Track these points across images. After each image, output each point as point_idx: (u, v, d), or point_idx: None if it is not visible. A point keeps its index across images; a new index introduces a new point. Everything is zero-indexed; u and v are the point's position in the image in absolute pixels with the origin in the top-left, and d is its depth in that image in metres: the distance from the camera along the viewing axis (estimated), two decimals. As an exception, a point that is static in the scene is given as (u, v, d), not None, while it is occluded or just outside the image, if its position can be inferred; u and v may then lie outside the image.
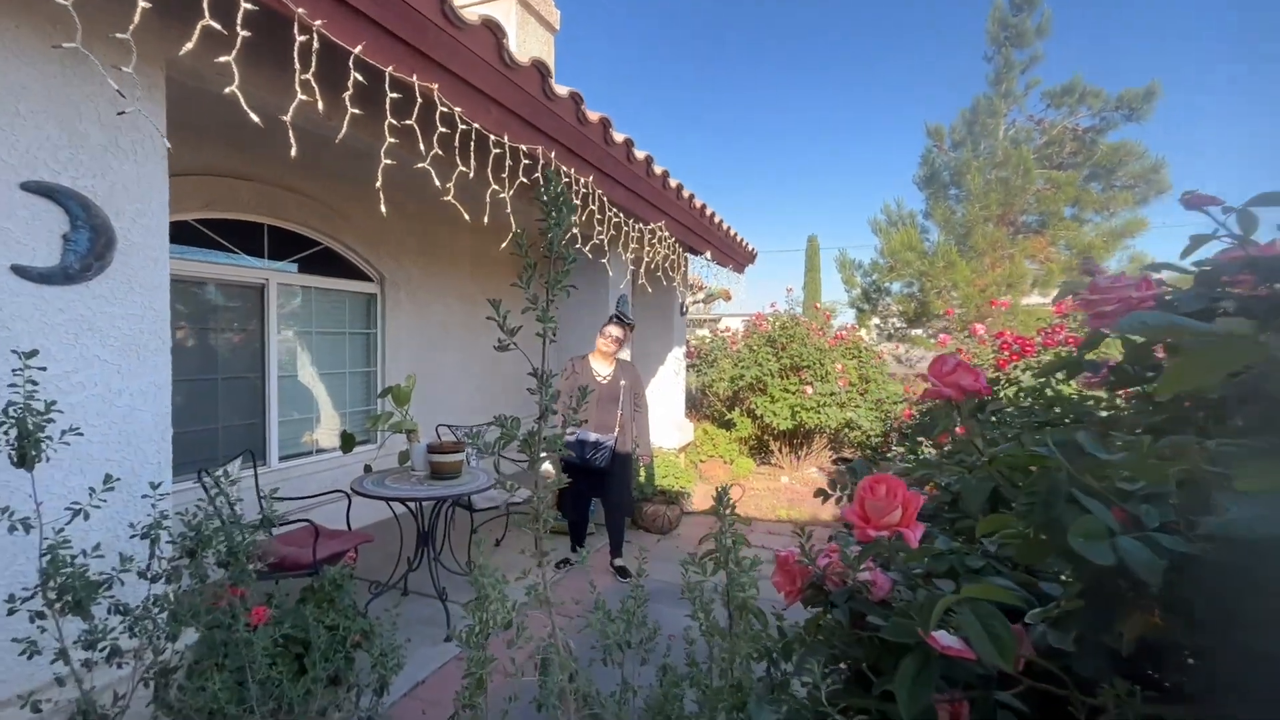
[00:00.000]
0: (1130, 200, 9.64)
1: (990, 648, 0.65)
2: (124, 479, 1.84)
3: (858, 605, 0.92)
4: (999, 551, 1.07)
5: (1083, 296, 1.08)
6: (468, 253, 6.12)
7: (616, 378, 4.10)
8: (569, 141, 3.11)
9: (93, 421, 1.78)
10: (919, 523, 0.75)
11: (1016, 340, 3.80)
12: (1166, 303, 1.03)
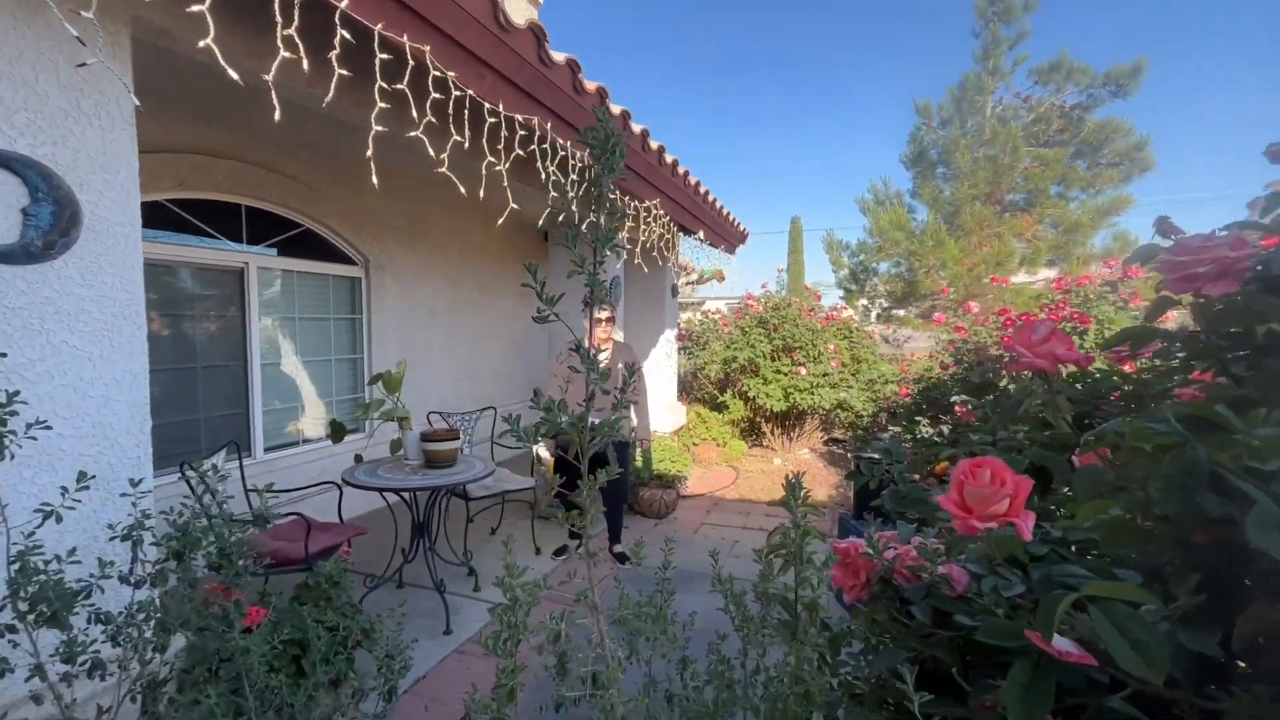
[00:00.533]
0: (1116, 178, 9.67)
1: (1133, 657, 0.56)
2: (100, 476, 1.70)
3: (939, 604, 0.83)
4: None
5: (1166, 259, 0.99)
6: (453, 235, 5.93)
7: (614, 361, 3.99)
8: (565, 112, 2.96)
9: (63, 414, 1.63)
10: (1028, 510, 0.66)
11: (1022, 317, 3.75)
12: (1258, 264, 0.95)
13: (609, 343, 3.99)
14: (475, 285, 6.30)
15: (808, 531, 1.04)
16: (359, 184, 4.71)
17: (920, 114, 10.24)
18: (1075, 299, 3.71)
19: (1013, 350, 0.86)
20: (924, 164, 10.58)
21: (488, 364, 6.57)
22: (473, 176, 2.42)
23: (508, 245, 6.89)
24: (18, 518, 1.32)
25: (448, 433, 3.43)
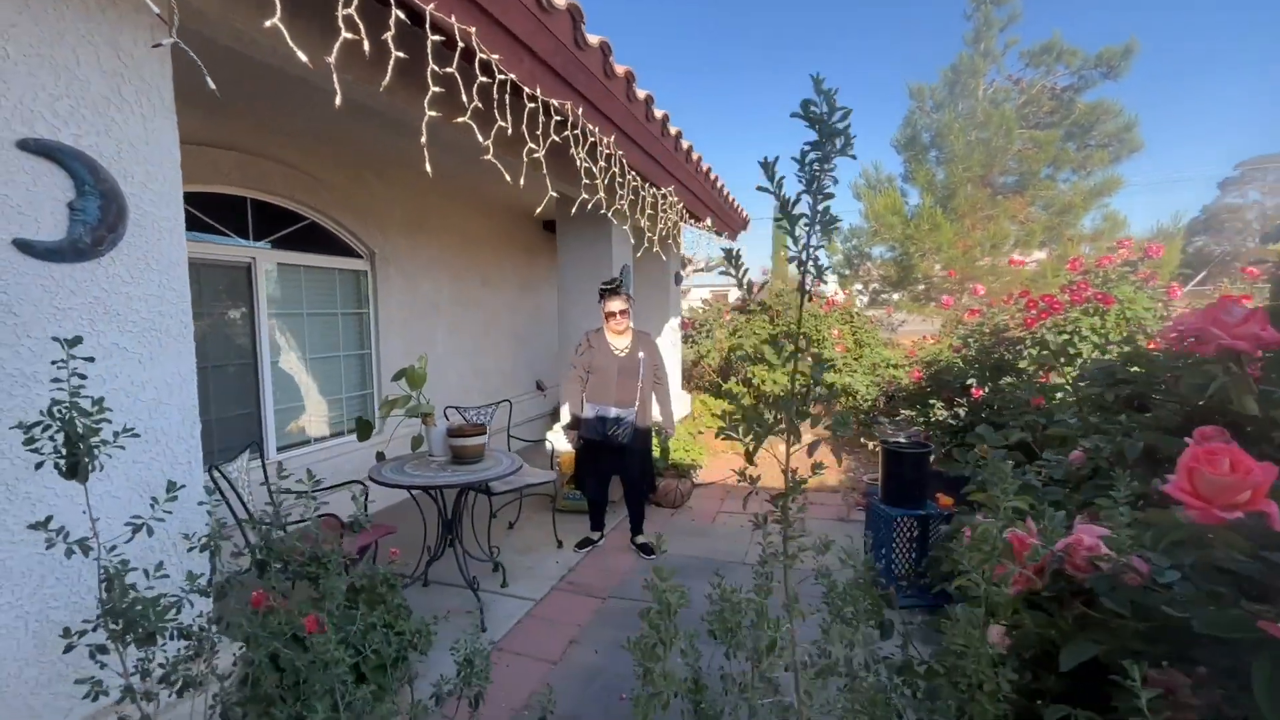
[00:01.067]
0: (1105, 159, 9.77)
1: None
2: (154, 484, 1.62)
3: (1139, 597, 0.80)
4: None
5: None
6: (454, 227, 5.81)
7: (634, 350, 3.94)
8: (595, 97, 2.88)
9: (116, 421, 1.55)
10: (1268, 499, 0.64)
11: (1044, 299, 3.77)
12: None
13: (629, 332, 3.94)
14: (477, 278, 6.19)
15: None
16: (361, 174, 4.58)
17: (914, 97, 10.25)
18: (1096, 279, 3.73)
19: (1202, 332, 0.83)
20: (916, 148, 10.61)
21: (491, 357, 6.48)
22: (492, 166, 2.34)
23: (507, 237, 6.78)
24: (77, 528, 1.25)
25: (474, 428, 3.36)
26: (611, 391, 3.90)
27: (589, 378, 3.95)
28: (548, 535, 4.34)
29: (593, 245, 4.96)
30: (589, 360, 3.93)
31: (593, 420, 3.93)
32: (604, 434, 3.91)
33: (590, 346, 3.96)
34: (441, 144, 4.00)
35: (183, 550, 1.46)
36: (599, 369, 3.92)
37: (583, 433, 3.95)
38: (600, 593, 3.61)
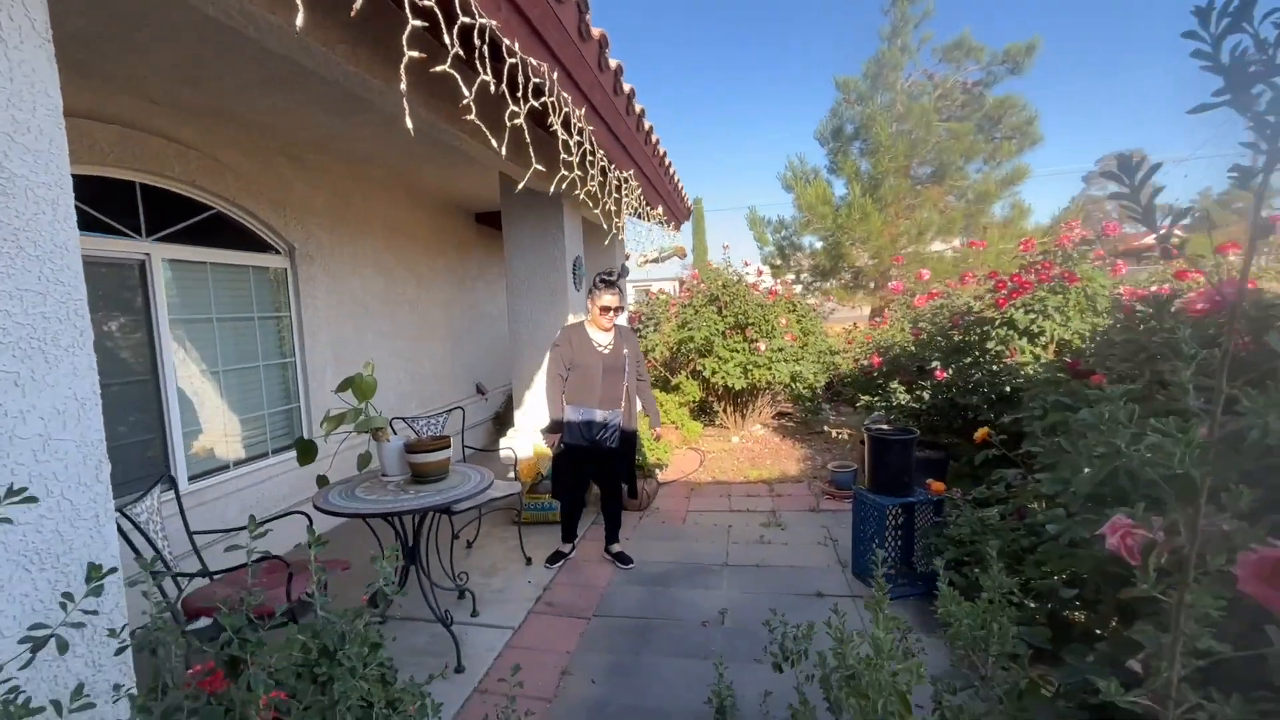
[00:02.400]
0: (1012, 150, 10.38)
1: None
2: (46, 550, 1.18)
3: None
4: None
5: None
6: (383, 220, 5.26)
7: (619, 346, 3.64)
8: (568, 61, 2.55)
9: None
10: None
11: (1014, 279, 3.79)
12: None
13: (612, 328, 3.62)
14: (409, 275, 5.65)
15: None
16: (276, 160, 4.00)
17: (840, 89, 10.45)
18: (1058, 258, 3.79)
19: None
20: (841, 139, 10.85)
21: (428, 361, 5.95)
22: (426, 151, 1.97)
23: (439, 231, 6.25)
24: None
25: (436, 441, 2.95)
26: (596, 391, 3.59)
27: (569, 377, 3.62)
28: (513, 552, 3.97)
29: (543, 237, 4.59)
30: (570, 358, 3.59)
31: (577, 424, 3.61)
32: (590, 439, 3.61)
33: (570, 343, 3.62)
34: (377, 120, 3.54)
35: (103, 646, 1.04)
36: (581, 367, 3.59)
37: (565, 438, 3.61)
38: (583, 612, 3.30)
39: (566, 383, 3.60)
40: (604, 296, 3.56)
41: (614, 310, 3.58)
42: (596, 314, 3.60)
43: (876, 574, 1.28)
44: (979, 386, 4.11)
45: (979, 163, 10.50)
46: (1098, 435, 1.39)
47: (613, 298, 3.56)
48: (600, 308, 3.57)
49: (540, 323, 4.67)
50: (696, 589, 3.53)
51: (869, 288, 10.96)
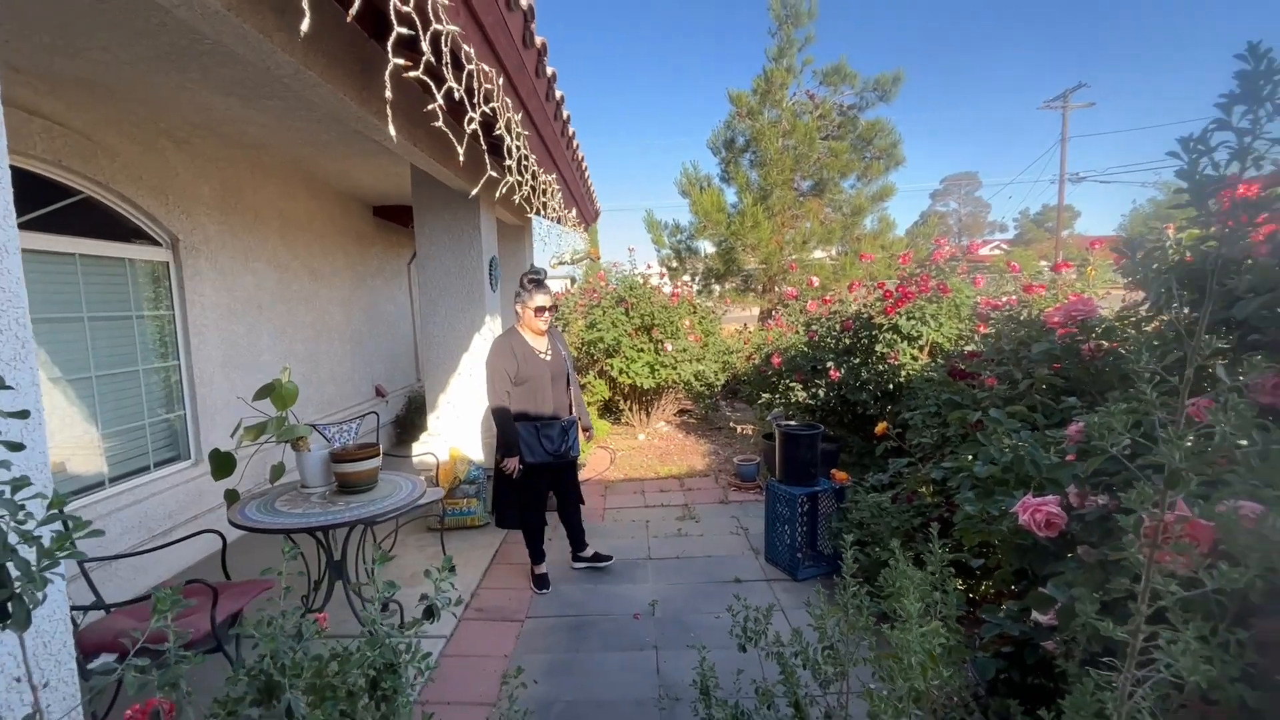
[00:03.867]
0: (880, 170, 11.49)
1: None
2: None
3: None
4: None
5: None
6: (275, 210, 4.89)
7: (556, 349, 3.57)
8: (512, 68, 2.57)
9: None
10: None
11: (900, 289, 4.28)
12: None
13: (545, 333, 3.58)
14: (306, 271, 5.29)
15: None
16: (159, 142, 3.62)
17: (734, 103, 11.01)
18: (934, 270, 4.34)
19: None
20: (733, 150, 11.44)
21: (326, 363, 5.60)
22: (319, 138, 1.97)
23: (336, 224, 5.89)
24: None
25: (364, 450, 2.84)
26: (549, 403, 3.42)
27: (515, 393, 3.38)
28: (433, 560, 3.87)
29: (459, 236, 4.50)
30: (514, 371, 3.35)
31: (534, 441, 3.38)
32: (555, 452, 3.43)
33: (513, 354, 3.37)
34: (279, 106, 3.30)
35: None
36: (528, 379, 3.38)
37: (526, 458, 3.37)
38: (516, 615, 3.32)
39: (512, 399, 3.38)
40: (537, 297, 3.40)
41: (549, 310, 3.45)
42: (530, 317, 3.41)
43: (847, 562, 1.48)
44: (867, 384, 4.59)
45: (853, 179, 11.51)
46: (1003, 432, 1.69)
47: (545, 297, 3.42)
48: (535, 309, 3.39)
49: (455, 324, 4.57)
50: (624, 583, 3.66)
51: (758, 291, 11.67)
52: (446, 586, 1.00)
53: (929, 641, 0.84)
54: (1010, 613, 1.53)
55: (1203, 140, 0.71)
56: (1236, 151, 0.68)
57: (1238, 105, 0.66)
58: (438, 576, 1.01)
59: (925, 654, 0.83)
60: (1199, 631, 0.69)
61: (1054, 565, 1.39)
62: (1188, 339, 0.75)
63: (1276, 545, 0.73)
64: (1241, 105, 0.66)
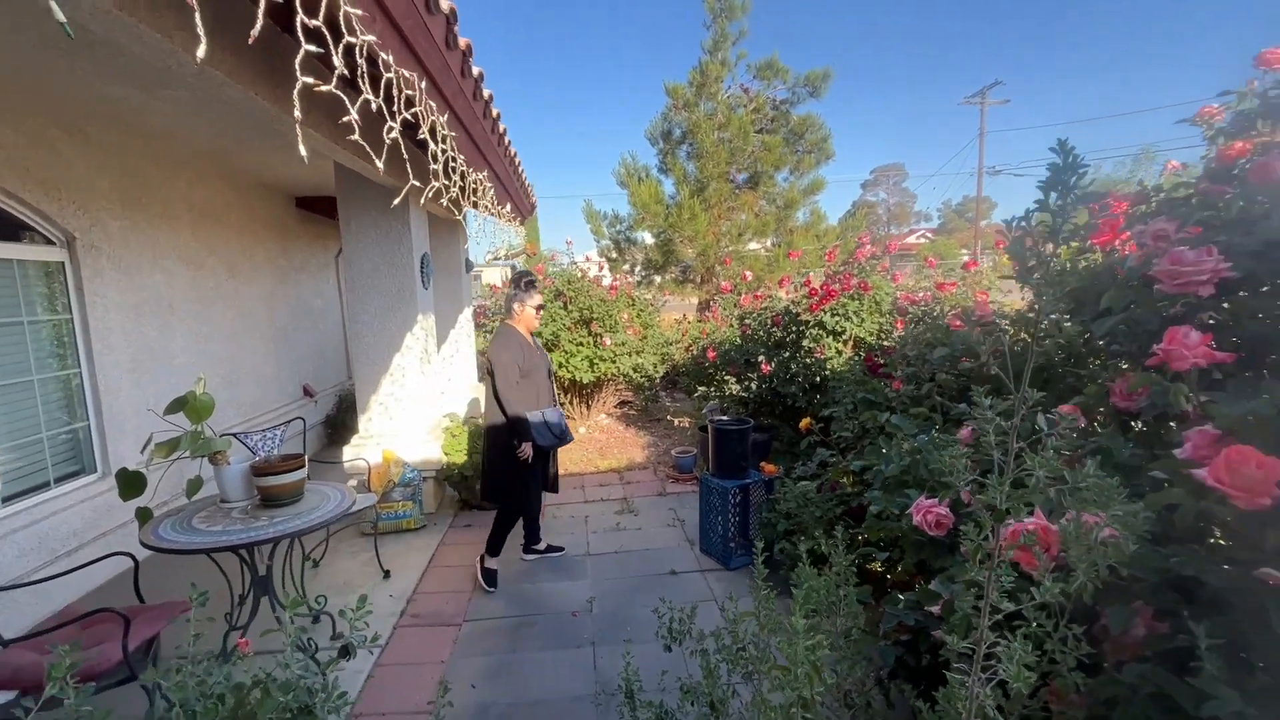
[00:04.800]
0: (812, 164, 11.83)
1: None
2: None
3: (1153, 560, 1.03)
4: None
5: (1166, 268, 1.32)
6: (186, 203, 4.62)
7: (540, 345, 3.84)
8: (435, 71, 2.53)
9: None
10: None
11: (824, 287, 4.47)
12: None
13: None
14: (221, 267, 5.02)
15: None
16: (49, 132, 3.36)
17: (670, 95, 11.05)
18: (856, 269, 4.55)
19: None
20: (670, 141, 11.51)
21: (248, 363, 5.34)
22: (235, 127, 1.92)
23: (256, 217, 5.60)
24: None
25: (289, 461, 2.76)
26: (546, 395, 3.70)
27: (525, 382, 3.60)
28: (368, 566, 3.81)
29: (387, 232, 4.38)
30: (522, 365, 3.55)
31: (542, 427, 3.58)
32: (561, 435, 3.69)
33: (521, 350, 3.58)
34: (184, 96, 3.11)
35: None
36: (532, 372, 3.61)
37: (538, 441, 3.54)
38: (453, 619, 3.31)
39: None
40: (535, 296, 3.66)
41: (542, 308, 3.73)
42: (531, 315, 3.66)
43: (757, 560, 1.57)
44: (796, 377, 4.79)
45: (786, 173, 11.80)
46: (902, 437, 1.83)
47: (540, 296, 3.70)
48: (535, 307, 3.66)
49: (386, 323, 4.46)
50: (563, 581, 3.71)
51: (696, 282, 11.84)
52: (362, 625, 1.01)
53: (814, 654, 0.93)
54: (908, 602, 1.67)
55: (1025, 219, 0.82)
56: (1050, 231, 0.79)
57: (1052, 191, 0.76)
58: (353, 616, 1.02)
59: (810, 665, 0.92)
60: (1034, 636, 0.80)
61: (945, 559, 1.52)
62: (1015, 391, 0.85)
63: (1101, 556, 0.85)
64: (1054, 191, 0.76)
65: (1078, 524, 0.94)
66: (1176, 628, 1.04)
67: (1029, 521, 1.15)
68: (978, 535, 0.84)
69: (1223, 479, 0.89)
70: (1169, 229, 1.47)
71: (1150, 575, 1.01)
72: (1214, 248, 1.23)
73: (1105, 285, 1.67)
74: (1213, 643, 0.86)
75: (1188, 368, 1.08)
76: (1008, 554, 1.12)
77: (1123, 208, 2.05)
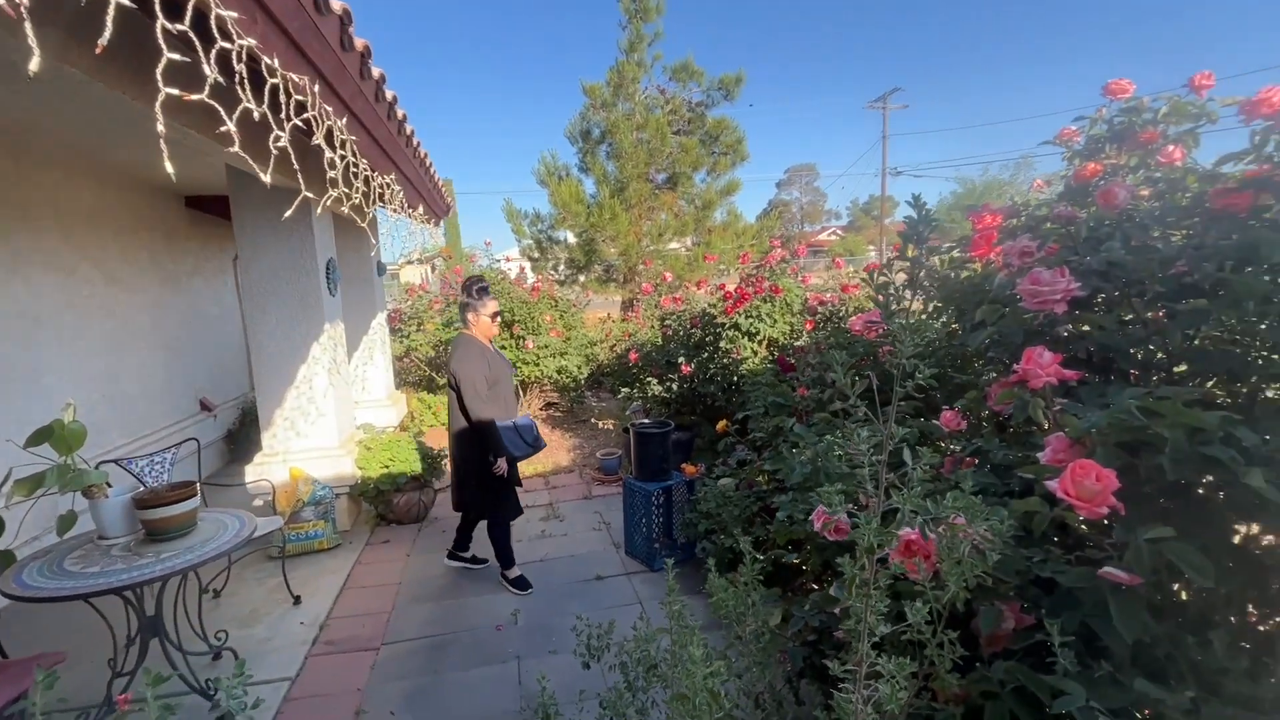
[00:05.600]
0: (727, 165, 12.10)
1: (1202, 573, 0.92)
2: None
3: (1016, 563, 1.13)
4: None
5: (1027, 288, 1.45)
6: (53, 205, 4.17)
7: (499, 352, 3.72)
8: (330, 73, 2.40)
9: None
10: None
11: (738, 290, 4.59)
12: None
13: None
14: (98, 274, 4.57)
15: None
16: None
17: (588, 94, 10.99)
18: (767, 272, 4.71)
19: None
20: (590, 141, 11.46)
21: (133, 378, 4.90)
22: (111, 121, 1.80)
23: (139, 219, 5.14)
24: None
25: (177, 491, 2.55)
26: (513, 404, 3.62)
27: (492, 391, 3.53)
28: (275, 593, 3.60)
29: (289, 236, 4.13)
30: (489, 376, 3.48)
31: (515, 437, 3.49)
32: (535, 443, 3.58)
33: (486, 361, 3.50)
34: (43, 90, 2.79)
35: None
36: (499, 382, 3.53)
37: (512, 452, 3.47)
38: (370, 643, 3.18)
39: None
40: (490, 304, 3.54)
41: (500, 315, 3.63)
42: (488, 323, 3.56)
43: (668, 572, 1.60)
44: (715, 378, 4.90)
45: (704, 174, 12.02)
46: (804, 445, 1.91)
47: (496, 303, 3.59)
48: (491, 315, 3.55)
49: (291, 333, 4.21)
50: (486, 594, 3.64)
51: (619, 281, 11.87)
52: (240, 693, 0.95)
53: (711, 682, 0.97)
54: (814, 603, 1.75)
55: (887, 267, 0.88)
56: (909, 280, 0.85)
57: (909, 242, 0.83)
58: (228, 684, 0.96)
59: (709, 693, 0.95)
60: (915, 642, 0.86)
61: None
62: (884, 428, 0.92)
63: (969, 567, 0.93)
64: (911, 243, 0.82)
65: (952, 538, 1.02)
66: (1041, 621, 1.15)
67: (910, 532, 1.23)
68: (853, 565, 0.89)
69: (1069, 490, 1.00)
70: (1031, 247, 1.61)
71: (1015, 577, 1.12)
72: (1066, 268, 1.36)
73: (983, 297, 1.81)
74: (1065, 640, 0.96)
75: (1041, 385, 1.19)
76: (885, 575, 1.20)
77: (998, 220, 2.23)
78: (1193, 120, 1.99)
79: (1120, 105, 2.13)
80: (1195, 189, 1.76)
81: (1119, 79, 2.11)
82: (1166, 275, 1.40)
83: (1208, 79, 1.99)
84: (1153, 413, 1.06)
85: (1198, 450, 1.00)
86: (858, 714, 0.84)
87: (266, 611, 3.43)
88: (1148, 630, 1.02)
